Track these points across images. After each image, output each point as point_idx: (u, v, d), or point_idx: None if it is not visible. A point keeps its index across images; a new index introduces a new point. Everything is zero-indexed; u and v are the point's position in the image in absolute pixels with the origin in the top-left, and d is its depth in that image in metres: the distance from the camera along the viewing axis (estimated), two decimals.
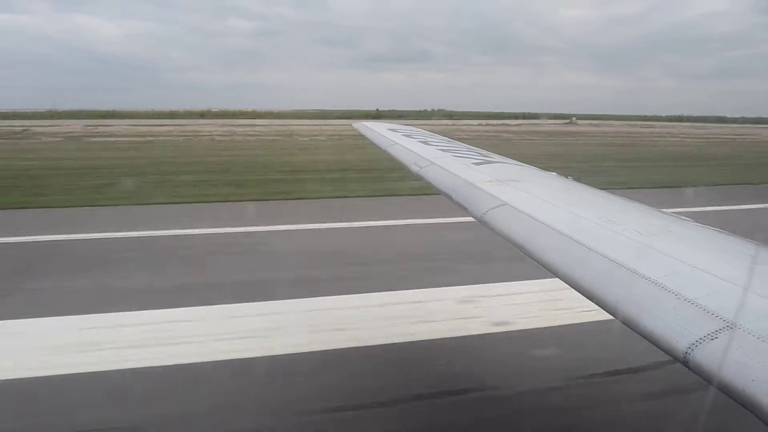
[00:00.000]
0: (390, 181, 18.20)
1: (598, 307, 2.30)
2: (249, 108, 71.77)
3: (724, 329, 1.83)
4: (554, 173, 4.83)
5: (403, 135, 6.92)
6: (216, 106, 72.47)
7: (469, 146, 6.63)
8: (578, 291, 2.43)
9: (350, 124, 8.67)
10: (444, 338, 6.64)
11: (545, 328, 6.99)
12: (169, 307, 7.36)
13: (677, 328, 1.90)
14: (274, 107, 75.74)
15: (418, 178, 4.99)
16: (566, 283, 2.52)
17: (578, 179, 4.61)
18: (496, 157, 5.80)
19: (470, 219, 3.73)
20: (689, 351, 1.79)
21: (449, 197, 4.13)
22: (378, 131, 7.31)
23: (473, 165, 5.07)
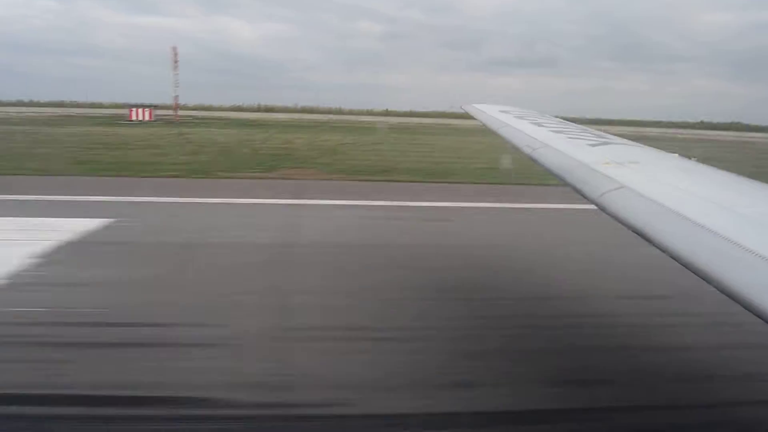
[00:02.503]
0: None
1: None
2: (371, 107, 73.71)
3: None
4: (676, 154, 4.63)
5: (515, 116, 6.87)
6: (341, 105, 74.97)
7: (584, 127, 6.46)
8: (701, 277, 2.38)
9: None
10: None
11: None
12: None
13: None
14: (393, 107, 76.79)
15: (530, 160, 4.99)
16: (688, 269, 2.47)
17: (701, 160, 4.40)
18: (614, 139, 5.63)
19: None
20: None
21: (563, 179, 4.11)
22: (489, 113, 7.32)
23: (588, 146, 4.98)
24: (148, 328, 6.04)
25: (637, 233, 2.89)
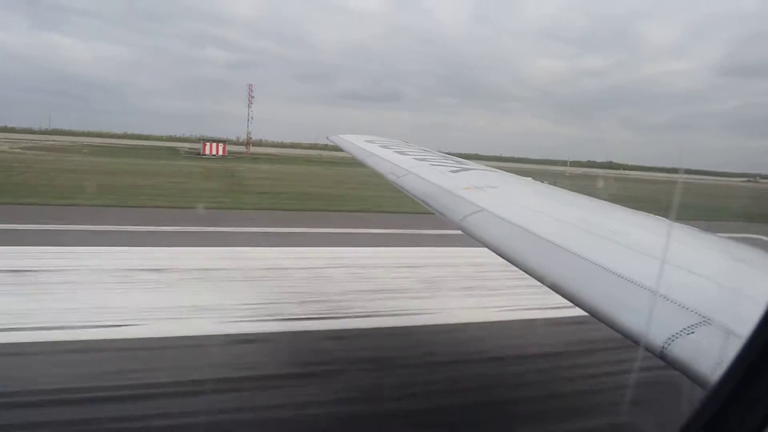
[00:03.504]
0: None
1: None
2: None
3: (700, 324, 1.85)
4: (529, 178, 4.87)
5: (380, 146, 6.92)
6: (182, 132, 74.39)
7: (445, 154, 6.65)
8: (556, 291, 2.42)
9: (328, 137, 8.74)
10: None
11: None
12: None
13: (654, 324, 1.91)
14: (231, 135, 77.31)
15: (395, 187, 4.98)
16: (544, 284, 2.51)
17: (554, 183, 4.65)
18: (473, 165, 5.83)
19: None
20: (666, 345, 1.80)
21: (427, 204, 4.12)
22: (355, 143, 7.31)
23: (450, 173, 5.09)
24: None
25: (497, 253, 2.92)
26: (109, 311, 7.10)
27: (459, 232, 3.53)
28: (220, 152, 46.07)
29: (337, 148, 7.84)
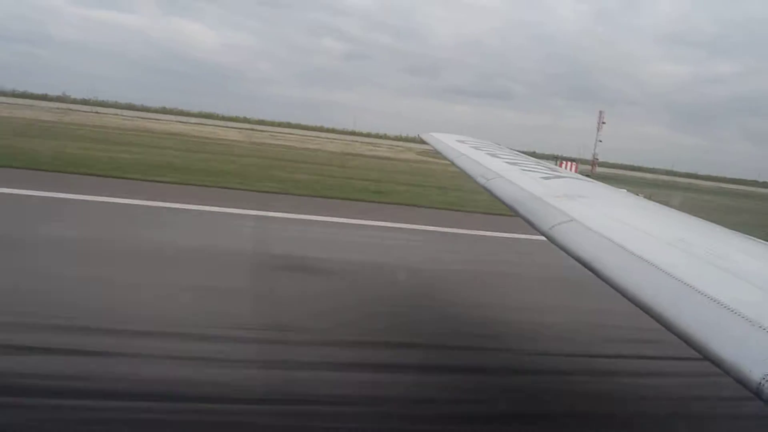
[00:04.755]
0: None
1: None
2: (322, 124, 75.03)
3: None
4: (624, 190, 4.70)
5: (471, 147, 6.91)
6: (292, 119, 76.30)
7: (537, 160, 6.53)
8: (646, 312, 2.36)
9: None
10: None
11: None
12: None
13: (751, 357, 1.83)
14: (347, 126, 78.07)
15: (484, 191, 4.98)
16: (634, 303, 2.45)
17: (650, 197, 4.47)
18: (565, 172, 5.70)
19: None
20: (763, 382, 1.72)
21: (515, 211, 4.10)
22: (446, 142, 7.33)
23: (541, 179, 5.01)
24: None
25: (585, 266, 2.87)
26: None
27: None
28: (573, 170, 44.17)
29: None
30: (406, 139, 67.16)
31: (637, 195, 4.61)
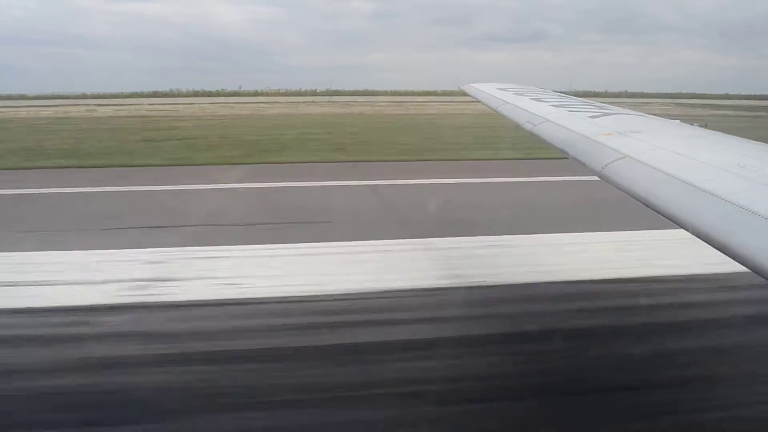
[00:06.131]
0: None
1: None
2: (351, 88, 73.71)
3: None
4: (677, 121, 4.59)
5: (514, 93, 6.83)
6: (319, 87, 75.50)
7: (584, 100, 6.41)
8: (709, 243, 2.33)
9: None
10: None
11: None
12: None
13: None
14: (377, 87, 76.51)
15: (532, 135, 4.96)
16: (695, 235, 2.43)
17: (705, 125, 4.36)
18: (614, 109, 5.58)
19: None
20: None
21: (566, 153, 4.09)
22: (488, 92, 7.27)
23: (589, 118, 4.94)
24: None
25: (643, 202, 2.87)
26: None
27: None
28: None
29: None
30: (443, 94, 65.54)
31: (692, 125, 4.50)
